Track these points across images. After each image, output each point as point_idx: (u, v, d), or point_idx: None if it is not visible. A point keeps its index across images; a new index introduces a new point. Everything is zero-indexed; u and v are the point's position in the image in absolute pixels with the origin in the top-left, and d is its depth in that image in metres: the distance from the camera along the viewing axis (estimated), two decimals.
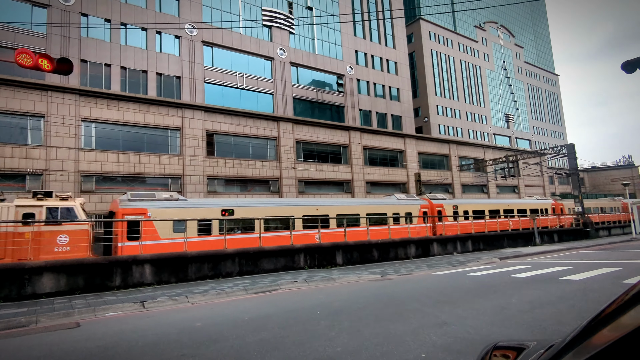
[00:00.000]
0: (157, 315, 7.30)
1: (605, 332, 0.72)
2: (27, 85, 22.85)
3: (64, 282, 9.64)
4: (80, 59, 25.82)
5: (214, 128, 28.49)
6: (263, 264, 12.89)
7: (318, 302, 7.73)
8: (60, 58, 8.75)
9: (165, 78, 28.94)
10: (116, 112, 25.27)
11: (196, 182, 26.93)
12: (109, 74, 26.76)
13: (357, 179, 34.47)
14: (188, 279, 11.43)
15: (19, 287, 9.15)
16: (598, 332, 0.73)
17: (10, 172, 22.11)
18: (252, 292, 9.57)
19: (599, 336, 0.72)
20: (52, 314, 7.41)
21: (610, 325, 0.72)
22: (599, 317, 0.76)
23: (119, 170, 24.91)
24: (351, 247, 15.00)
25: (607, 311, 0.75)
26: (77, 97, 24.33)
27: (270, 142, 31.06)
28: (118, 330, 6.08)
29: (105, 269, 10.20)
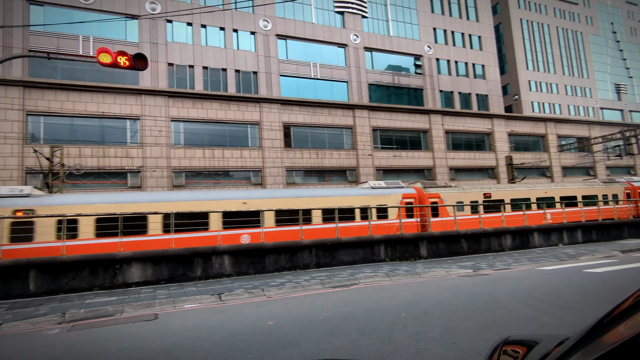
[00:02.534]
0: (232, 309, 7.04)
1: (620, 329, 0.70)
2: (125, 91, 25.00)
3: (150, 272, 10.04)
4: (167, 62, 27.52)
5: (290, 120, 28.61)
6: (341, 256, 12.28)
7: (402, 301, 6.84)
8: (135, 54, 8.96)
9: (243, 74, 29.72)
10: (200, 111, 26.60)
11: (275, 174, 27.34)
12: (193, 74, 28.19)
13: (439, 165, 32.27)
14: (265, 271, 11.26)
15: (111, 276, 9.72)
16: (612, 329, 0.71)
17: (115, 170, 24.45)
18: (329, 286, 8.99)
19: (612, 333, 0.70)
20: (135, 304, 7.59)
21: (625, 322, 0.70)
22: (613, 313, 0.75)
23: (206, 165, 26.24)
24: (436, 238, 13.70)
25: (622, 307, 0.74)
26: (166, 98, 26.04)
27: (346, 131, 30.37)
28: (190, 325, 5.87)
29: (186, 259, 10.43)
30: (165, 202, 14.42)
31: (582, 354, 0.72)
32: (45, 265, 9.21)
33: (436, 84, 36.14)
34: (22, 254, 11.08)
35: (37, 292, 9.10)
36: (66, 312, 7.12)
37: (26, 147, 22.26)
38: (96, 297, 8.63)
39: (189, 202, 14.67)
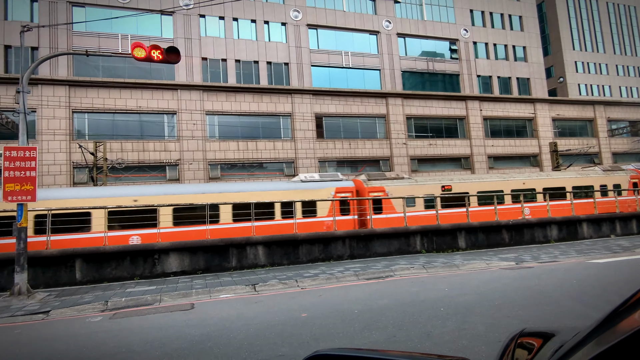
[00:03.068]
0: (266, 300, 7.03)
1: (635, 317, 0.68)
2: (162, 87, 25.69)
3: (187, 262, 10.27)
4: (201, 57, 27.92)
5: (322, 110, 28.40)
6: (375, 247, 12.04)
7: (440, 294, 6.55)
8: (168, 47, 9.06)
9: (274, 66, 29.71)
10: (234, 104, 26.91)
11: (308, 165, 27.30)
12: (226, 68, 28.48)
13: (477, 153, 31.04)
14: (299, 261, 11.24)
15: (151, 266, 10.02)
16: (628, 317, 0.70)
17: (154, 164, 25.28)
18: (364, 277, 8.81)
19: (628, 321, 0.69)
20: (173, 293, 7.76)
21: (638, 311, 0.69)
22: (630, 301, 0.74)
23: (240, 157, 26.60)
24: (475, 229, 13.14)
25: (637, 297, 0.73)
26: (201, 92, 26.51)
27: (379, 120, 29.80)
28: (225, 315, 5.90)
29: (222, 250, 10.58)
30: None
31: (596, 342, 0.71)
32: (89, 255, 9.63)
33: (473, 69, 34.65)
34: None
35: (83, 280, 9.54)
36: (109, 301, 7.39)
37: (73, 143, 23.40)
38: (137, 286, 8.93)
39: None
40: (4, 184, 8.13)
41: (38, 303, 7.69)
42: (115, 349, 4.39)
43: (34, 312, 6.96)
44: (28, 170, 8.25)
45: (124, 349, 4.38)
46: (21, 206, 8.25)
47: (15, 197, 8.15)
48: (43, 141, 23.24)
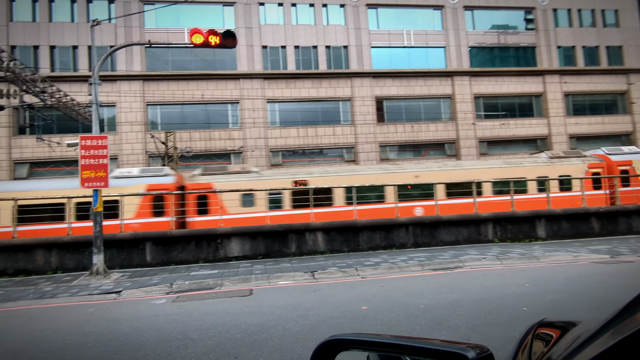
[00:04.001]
0: (324, 289, 6.74)
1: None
2: (225, 77, 26.42)
3: (248, 247, 10.36)
4: (261, 45, 28.14)
5: (382, 93, 27.42)
6: (441, 235, 11.25)
7: (520, 290, 5.77)
8: (225, 32, 8.98)
9: (333, 50, 29.08)
10: (293, 90, 26.94)
11: (368, 150, 26.63)
12: (285, 54, 28.44)
13: (556, 132, 28.09)
14: (359, 249, 10.85)
15: (214, 250, 10.26)
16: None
17: (220, 152, 26.24)
18: (429, 268, 8.18)
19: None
20: (233, 278, 7.79)
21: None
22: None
23: (300, 143, 26.66)
24: (558, 217, 11.73)
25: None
26: (262, 80, 26.85)
27: (444, 101, 28.09)
28: (282, 304, 5.70)
29: (281, 235, 10.51)
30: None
31: (612, 333, 0.70)
32: (158, 239, 10.09)
33: (552, 39, 31.13)
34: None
35: (153, 262, 10.03)
36: (173, 283, 7.61)
37: (147, 133, 25.00)
38: (200, 269, 9.16)
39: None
40: (81, 171, 8.69)
41: (112, 283, 8.17)
42: (172, 335, 4.36)
43: (108, 292, 7.37)
44: (100, 157, 8.73)
45: (180, 335, 4.34)
46: (96, 192, 8.78)
47: (91, 184, 8.68)
48: (122, 132, 25.10)
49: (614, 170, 16.29)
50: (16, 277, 9.35)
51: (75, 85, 24.21)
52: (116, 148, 25.00)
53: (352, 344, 1.02)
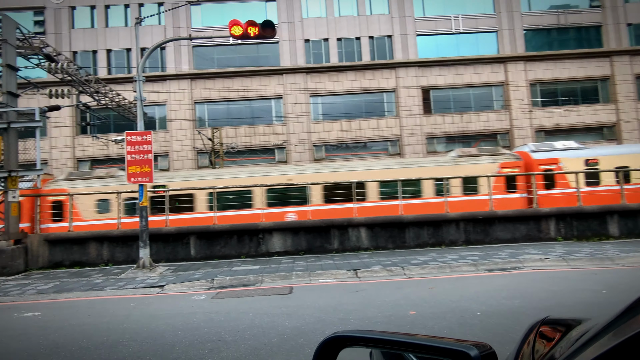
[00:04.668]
0: (368, 289, 6.32)
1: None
2: (268, 72, 26.54)
3: (289, 242, 10.14)
4: (304, 39, 27.92)
5: (429, 83, 26.25)
6: (496, 232, 10.38)
7: (596, 298, 5.01)
8: (264, 21, 8.75)
9: (377, 41, 28.23)
10: (336, 83, 26.52)
11: (414, 142, 25.65)
12: (328, 47, 28.03)
13: (625, 119, 25.44)
14: (405, 246, 10.28)
15: (256, 245, 10.15)
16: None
17: (264, 147, 26.46)
18: (484, 268, 7.48)
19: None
20: (274, 275, 7.58)
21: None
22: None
23: (343, 137, 26.24)
24: (634, 212, 10.42)
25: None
26: (305, 75, 26.67)
27: (495, 89, 26.38)
28: (323, 305, 5.37)
29: (323, 231, 10.20)
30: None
31: (614, 334, 0.70)
32: (202, 233, 10.15)
33: (622, 16, 28.14)
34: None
35: (197, 256, 10.11)
36: (215, 279, 7.54)
37: (195, 130, 25.74)
38: (242, 264, 9.07)
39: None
40: (127, 167, 8.88)
41: (157, 277, 8.28)
42: (207, 337, 4.18)
43: (152, 286, 7.45)
44: (145, 153, 8.87)
45: (215, 337, 4.13)
46: (141, 187, 8.95)
47: (136, 179, 8.85)
48: (172, 130, 26.01)
49: (532, 170, 14.37)
50: (72, 269, 9.81)
51: (129, 85, 25.40)
52: (167, 145, 25.98)
53: (355, 340, 1.03)
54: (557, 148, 15.56)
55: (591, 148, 16.35)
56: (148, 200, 9.07)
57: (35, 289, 7.63)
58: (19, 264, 9.62)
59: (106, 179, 14.27)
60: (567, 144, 15.98)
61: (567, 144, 15.98)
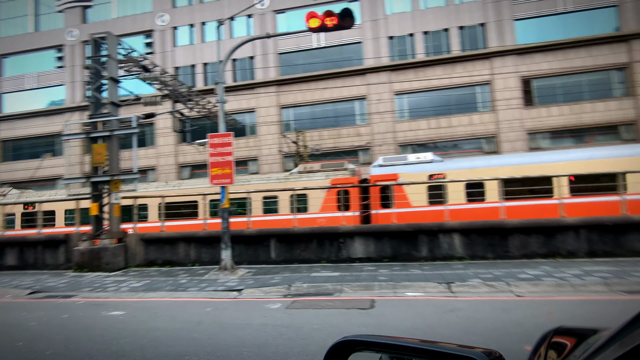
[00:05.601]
0: (464, 308, 5.29)
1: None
2: (351, 73, 26.14)
3: (372, 248, 9.36)
4: (387, 36, 26.93)
5: (530, 72, 23.35)
6: (632, 242, 8.36)
7: None
8: (342, 10, 8.18)
9: (468, 30, 26.04)
10: (422, 80, 25.11)
11: (513, 139, 23.00)
12: (413, 42, 26.63)
13: None
14: (508, 256, 8.80)
15: (336, 250, 9.57)
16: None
17: (348, 149, 26.08)
18: (621, 289, 5.87)
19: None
20: (355, 284, 6.88)
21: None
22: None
23: (431, 136, 24.74)
24: None
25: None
26: (389, 73, 25.73)
27: (617, 74, 22.46)
28: (409, 326, 4.53)
29: (410, 236, 9.22)
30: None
31: (619, 345, 0.70)
32: (281, 236, 9.91)
33: None
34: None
35: (277, 260, 9.88)
36: (292, 285, 7.12)
37: (281, 134, 26.39)
38: (322, 270, 8.56)
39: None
40: (209, 169, 9.00)
41: (237, 279, 8.16)
42: (273, 357, 3.66)
43: (231, 289, 7.29)
44: (226, 155, 8.89)
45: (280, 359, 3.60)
46: (223, 188, 8.99)
47: (218, 181, 8.92)
48: (261, 135, 27.00)
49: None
50: (163, 268, 10.29)
51: None
52: (256, 150, 27.05)
53: (365, 345, 1.03)
54: (409, 161, 14.11)
55: (451, 161, 14.53)
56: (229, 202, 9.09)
57: (129, 287, 8.02)
58: (119, 261, 10.39)
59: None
60: (422, 156, 14.20)
61: (422, 156, 14.20)
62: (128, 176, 10.50)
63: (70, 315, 5.86)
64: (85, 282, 8.73)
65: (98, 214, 10.64)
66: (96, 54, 10.93)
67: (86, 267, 10.14)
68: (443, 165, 13.51)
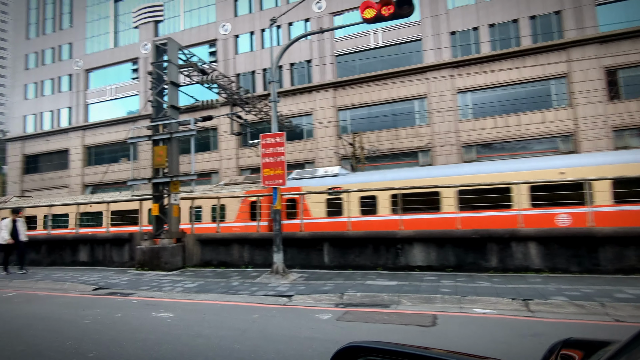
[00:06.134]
0: (548, 332, 4.42)
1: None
2: (410, 72, 25.18)
3: (434, 255, 8.56)
4: (449, 32, 25.62)
5: (616, 62, 20.82)
6: None
7: None
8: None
9: (540, 19, 23.90)
10: (488, 76, 23.49)
11: (595, 136, 20.60)
12: (477, 36, 25.03)
13: None
14: (598, 270, 7.53)
15: (393, 256, 8.89)
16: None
17: (406, 150, 25.12)
18: None
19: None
20: (414, 295, 6.21)
21: None
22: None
23: (498, 135, 23.07)
24: None
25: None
26: (451, 69, 24.44)
27: None
28: (480, 350, 3.82)
29: (477, 244, 8.29)
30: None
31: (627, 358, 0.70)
32: (335, 240, 9.45)
33: None
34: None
35: (330, 265, 9.44)
36: (345, 294, 6.62)
37: (337, 137, 26.11)
38: (378, 277, 7.96)
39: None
40: (262, 169, 8.82)
41: (288, 284, 7.84)
42: None
43: (281, 294, 6.98)
44: (278, 155, 8.65)
45: None
46: (275, 190, 8.76)
47: (270, 182, 8.70)
48: (318, 138, 26.94)
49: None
50: (218, 269, 10.32)
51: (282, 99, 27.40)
52: (313, 153, 27.01)
53: (371, 352, 1.01)
54: (316, 175, 14.50)
55: (355, 174, 14.91)
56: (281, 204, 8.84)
57: (183, 287, 8.05)
58: (177, 261, 10.61)
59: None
60: (330, 170, 14.61)
61: (330, 170, 14.61)
62: (186, 177, 10.71)
63: (123, 314, 5.89)
64: (145, 281, 8.95)
65: (159, 214, 10.98)
66: (158, 59, 11.35)
67: (147, 265, 10.48)
68: (343, 179, 13.93)
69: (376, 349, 0.99)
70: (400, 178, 12.71)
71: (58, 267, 12.08)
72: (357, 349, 0.99)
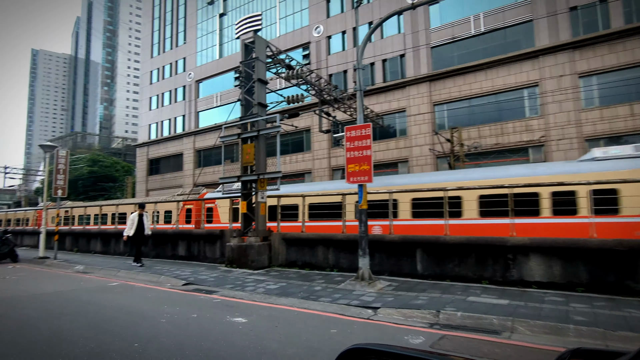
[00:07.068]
0: None
1: None
2: (519, 58, 22.37)
3: (557, 270, 6.83)
4: (568, 7, 22.11)
5: None
6: None
7: None
8: None
9: None
10: (620, 54, 19.60)
11: None
12: (606, 11, 21.08)
13: None
14: None
15: (503, 268, 7.35)
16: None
17: (514, 146, 22.34)
18: None
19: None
20: (534, 322, 4.76)
21: None
22: None
23: (636, 125, 19.07)
24: None
25: None
26: (570, 52, 21.09)
27: None
28: None
29: (622, 258, 6.38)
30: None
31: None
32: (429, 245, 8.23)
33: None
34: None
35: (424, 274, 8.26)
36: (441, 311, 5.49)
37: (433, 133, 24.29)
38: (483, 293, 6.60)
39: None
40: (346, 165, 8.08)
41: (375, 293, 6.95)
42: None
43: (366, 305, 6.12)
44: (364, 149, 7.81)
45: None
46: (360, 187, 7.94)
47: (355, 178, 7.90)
48: (412, 136, 25.48)
49: (200, 208, 16.65)
50: (302, 270, 9.86)
51: (374, 98, 26.60)
52: (407, 151, 25.61)
53: (375, 354, 1.00)
54: (232, 189, 14.00)
55: None
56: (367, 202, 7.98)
57: (265, 288, 7.71)
58: (263, 260, 10.45)
59: None
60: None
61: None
62: (273, 175, 10.51)
63: (199, 315, 5.65)
64: (230, 279, 8.88)
65: (247, 212, 10.98)
66: (247, 58, 11.41)
67: (235, 262, 10.52)
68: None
69: (382, 351, 0.96)
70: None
71: (160, 259, 12.94)
72: (362, 351, 0.98)
